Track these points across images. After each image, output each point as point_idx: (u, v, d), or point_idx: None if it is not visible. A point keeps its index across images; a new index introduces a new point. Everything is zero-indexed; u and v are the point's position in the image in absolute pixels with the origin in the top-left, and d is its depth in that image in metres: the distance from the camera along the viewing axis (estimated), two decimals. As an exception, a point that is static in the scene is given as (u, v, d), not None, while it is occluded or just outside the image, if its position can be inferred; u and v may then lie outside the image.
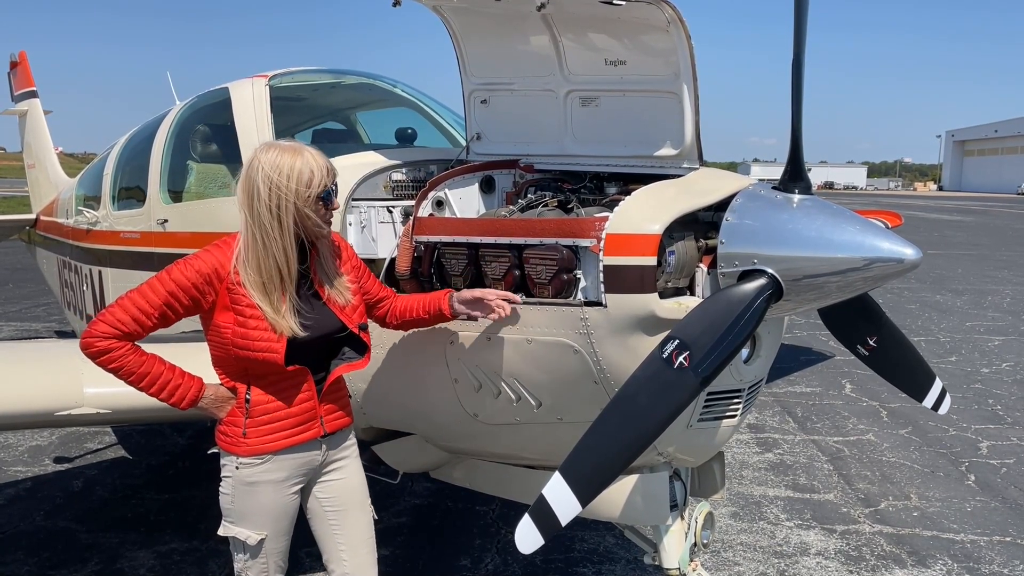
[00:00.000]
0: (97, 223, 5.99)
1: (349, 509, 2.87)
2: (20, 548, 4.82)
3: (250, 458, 2.68)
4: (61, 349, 4.56)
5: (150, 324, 2.54)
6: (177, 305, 2.55)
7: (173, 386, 2.61)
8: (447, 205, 3.49)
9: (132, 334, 2.54)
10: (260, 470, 2.69)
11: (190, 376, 2.68)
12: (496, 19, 3.31)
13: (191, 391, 2.65)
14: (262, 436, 2.67)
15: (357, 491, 2.90)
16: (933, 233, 30.70)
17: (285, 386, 2.67)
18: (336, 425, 2.81)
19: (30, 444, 6.68)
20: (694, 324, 2.60)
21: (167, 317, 2.56)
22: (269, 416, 2.66)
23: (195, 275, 2.54)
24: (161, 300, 2.53)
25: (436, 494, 5.59)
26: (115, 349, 2.52)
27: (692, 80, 2.92)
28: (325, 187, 2.57)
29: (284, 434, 2.69)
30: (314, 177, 2.54)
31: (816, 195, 2.75)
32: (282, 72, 4.77)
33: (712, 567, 4.53)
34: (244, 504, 2.72)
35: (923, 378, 3.97)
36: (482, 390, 3.15)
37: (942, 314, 13.03)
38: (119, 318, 2.51)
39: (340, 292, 2.72)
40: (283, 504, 2.76)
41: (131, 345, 2.55)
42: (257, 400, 2.66)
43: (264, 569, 2.78)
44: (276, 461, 2.70)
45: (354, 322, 2.73)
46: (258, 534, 2.73)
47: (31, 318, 12.60)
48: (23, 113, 10.50)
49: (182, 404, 2.64)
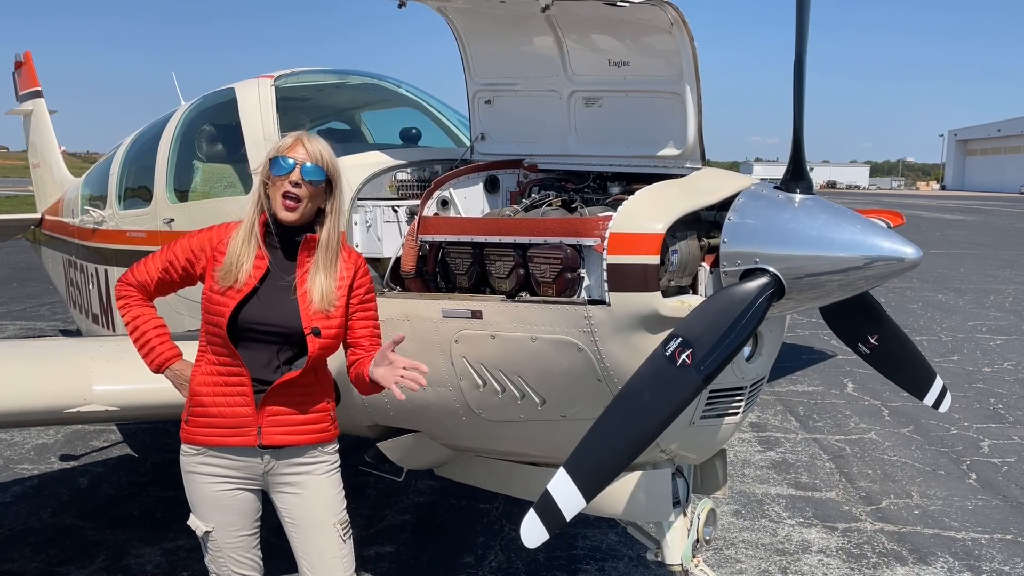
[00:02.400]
0: (103, 222, 6.03)
1: (305, 528, 2.77)
2: (27, 545, 4.86)
3: (187, 446, 2.76)
4: (69, 347, 4.61)
5: (156, 278, 2.79)
6: (176, 265, 2.77)
7: (150, 346, 2.79)
8: (452, 205, 3.52)
9: (142, 285, 2.80)
10: (196, 460, 2.74)
11: (171, 345, 2.81)
12: (500, 20, 3.34)
13: (161, 356, 2.79)
14: (197, 427, 2.72)
15: (316, 511, 2.77)
16: (935, 232, 30.67)
17: (226, 384, 2.67)
18: (279, 440, 2.68)
19: (36, 442, 6.72)
20: (696, 322, 2.63)
21: (169, 275, 2.79)
22: (202, 410, 2.70)
23: (195, 242, 2.77)
24: (165, 260, 2.79)
25: (440, 491, 5.62)
26: (126, 296, 2.82)
27: (695, 81, 2.95)
28: (277, 155, 2.64)
29: (214, 431, 2.69)
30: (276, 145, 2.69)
31: (817, 194, 2.78)
32: (287, 72, 4.80)
33: (714, 564, 4.56)
34: (189, 492, 2.79)
35: (924, 376, 4.00)
36: (486, 387, 3.18)
37: (944, 313, 13.04)
38: (135, 270, 2.83)
39: (319, 297, 2.65)
40: (225, 500, 2.73)
41: (140, 296, 2.81)
42: (196, 391, 2.71)
43: (222, 563, 2.79)
44: (211, 456, 2.71)
45: (311, 323, 2.64)
46: (205, 525, 2.76)
47: (36, 317, 12.65)
48: (28, 113, 10.54)
49: (151, 366, 2.82)
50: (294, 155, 2.62)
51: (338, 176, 2.71)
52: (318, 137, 2.71)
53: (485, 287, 3.19)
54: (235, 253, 2.64)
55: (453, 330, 3.16)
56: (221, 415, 2.67)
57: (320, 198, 2.68)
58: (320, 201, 2.69)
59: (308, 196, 2.63)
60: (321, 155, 2.65)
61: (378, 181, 3.66)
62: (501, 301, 3.08)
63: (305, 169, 2.62)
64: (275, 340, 2.67)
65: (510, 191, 3.62)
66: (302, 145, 2.65)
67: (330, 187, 2.69)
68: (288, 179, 2.61)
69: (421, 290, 3.35)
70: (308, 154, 2.63)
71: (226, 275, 2.63)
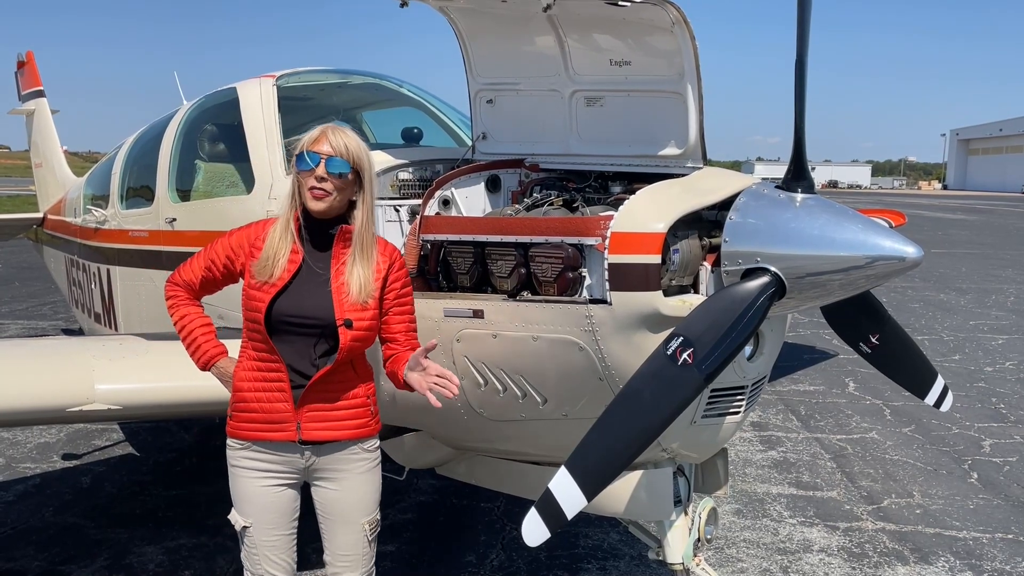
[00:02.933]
0: (105, 222, 6.03)
1: (335, 522, 2.82)
2: (30, 544, 4.87)
3: (232, 440, 2.79)
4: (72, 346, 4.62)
5: (199, 277, 2.84)
6: (218, 263, 2.80)
7: (197, 344, 2.84)
8: (453, 204, 3.53)
9: (188, 284, 2.86)
10: (240, 455, 2.76)
11: (216, 343, 2.85)
12: (502, 20, 3.35)
13: (207, 354, 2.83)
14: (240, 422, 2.75)
15: (348, 508, 2.81)
16: (937, 232, 30.65)
17: (265, 379, 2.69)
18: (320, 435, 2.70)
19: (38, 441, 6.73)
20: (698, 321, 2.63)
21: (212, 273, 2.83)
22: (244, 405, 2.73)
23: (234, 239, 2.80)
24: (207, 259, 2.83)
25: (442, 491, 5.63)
26: (174, 296, 2.88)
27: (696, 80, 2.96)
28: (304, 150, 2.64)
29: (256, 426, 2.72)
30: (303, 139, 2.68)
31: (819, 194, 2.78)
32: (289, 72, 4.81)
33: (716, 564, 4.56)
34: (232, 486, 2.82)
35: (925, 376, 4.00)
36: (487, 386, 3.19)
37: (946, 313, 13.04)
38: (181, 271, 2.88)
39: (357, 288, 2.67)
40: (265, 495, 2.75)
41: (187, 296, 2.87)
42: (239, 387, 2.74)
43: (256, 560, 2.80)
44: (254, 450, 2.74)
45: (344, 315, 2.65)
46: (244, 520, 2.78)
47: (38, 316, 12.66)
48: (30, 112, 10.55)
49: (198, 363, 2.87)
50: (319, 149, 2.64)
51: (366, 167, 2.70)
52: (345, 128, 2.71)
53: (487, 286, 3.20)
54: (272, 248, 2.68)
55: (455, 329, 3.17)
56: (262, 410, 2.70)
57: (349, 190, 2.69)
58: (350, 193, 2.69)
59: (335, 189, 2.65)
60: (346, 147, 2.64)
61: (380, 180, 3.67)
62: (502, 300, 3.08)
63: (330, 163, 2.63)
64: (310, 332, 2.68)
65: (512, 191, 3.63)
66: (327, 138, 2.66)
67: (359, 178, 2.69)
68: (314, 174, 2.63)
69: (423, 289, 3.36)
70: (333, 147, 2.64)
71: (262, 270, 2.66)
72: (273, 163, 4.25)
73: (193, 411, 4.44)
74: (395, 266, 2.78)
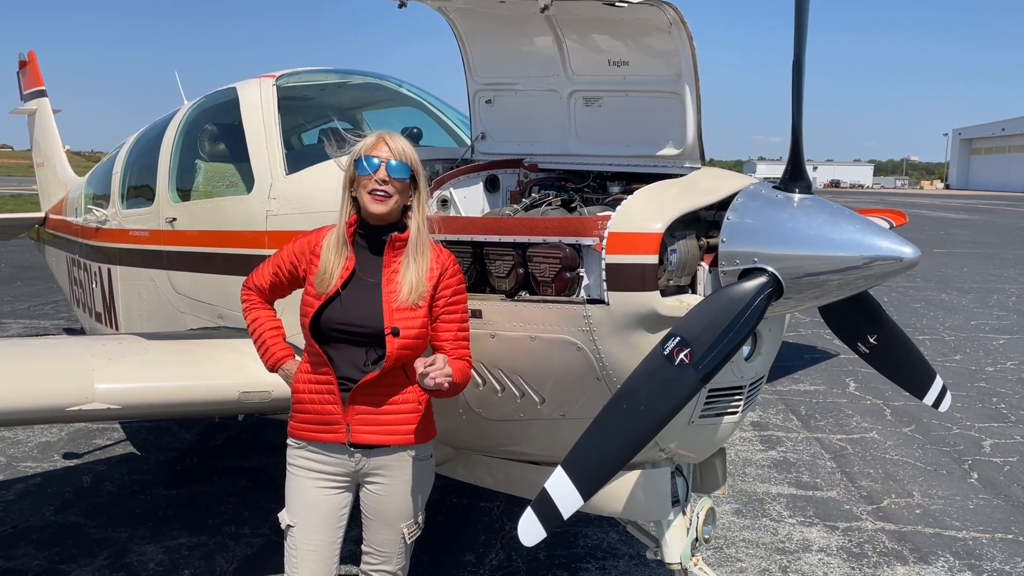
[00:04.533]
0: (106, 221, 6.05)
1: (375, 521, 2.90)
2: (30, 543, 4.88)
3: (291, 439, 2.88)
4: (72, 346, 4.62)
5: (268, 283, 2.96)
6: (284, 269, 2.91)
7: (266, 347, 2.96)
8: (452, 204, 3.54)
9: (260, 288, 2.98)
10: (297, 454, 2.86)
11: (284, 346, 2.97)
12: (500, 20, 3.35)
13: (274, 356, 2.95)
14: (298, 423, 2.86)
15: (390, 512, 2.88)
16: (939, 232, 30.62)
17: (317, 382, 2.78)
18: (367, 439, 2.76)
19: (39, 440, 6.74)
20: (695, 322, 2.64)
21: (279, 279, 2.93)
22: (301, 406, 2.84)
23: (297, 246, 2.90)
24: (274, 265, 2.94)
25: (440, 490, 5.59)
26: (247, 300, 3.00)
27: (694, 81, 2.96)
28: (361, 154, 2.72)
29: (310, 427, 2.82)
30: (359, 146, 2.77)
31: (816, 194, 2.78)
32: (289, 72, 4.82)
33: (715, 563, 4.57)
34: (288, 485, 2.89)
35: (923, 376, 4.00)
36: (485, 386, 3.19)
37: (947, 313, 13.03)
38: (254, 275, 3.00)
39: (408, 289, 2.71)
40: (315, 496, 2.82)
41: (259, 299, 2.99)
42: (296, 388, 2.86)
43: (295, 564, 2.83)
44: (309, 451, 2.83)
45: (392, 323, 2.70)
46: (290, 519, 2.84)
47: (40, 315, 12.68)
48: (32, 112, 10.58)
49: (266, 364, 2.98)
50: (378, 154, 2.71)
51: (420, 171, 2.79)
52: (399, 135, 2.80)
53: (485, 286, 3.20)
54: (327, 259, 2.75)
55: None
56: (315, 411, 2.79)
57: (407, 194, 2.77)
58: (406, 198, 2.77)
59: (396, 192, 2.72)
60: (404, 152, 2.74)
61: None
62: (500, 300, 3.09)
63: (390, 167, 2.70)
64: (361, 341, 2.74)
65: (510, 190, 3.63)
66: (385, 144, 2.74)
67: (414, 183, 2.78)
68: (374, 177, 2.70)
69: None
70: (392, 152, 2.72)
71: (321, 281, 2.74)
72: (273, 163, 4.26)
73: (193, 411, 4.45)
74: (448, 272, 2.82)
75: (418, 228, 2.77)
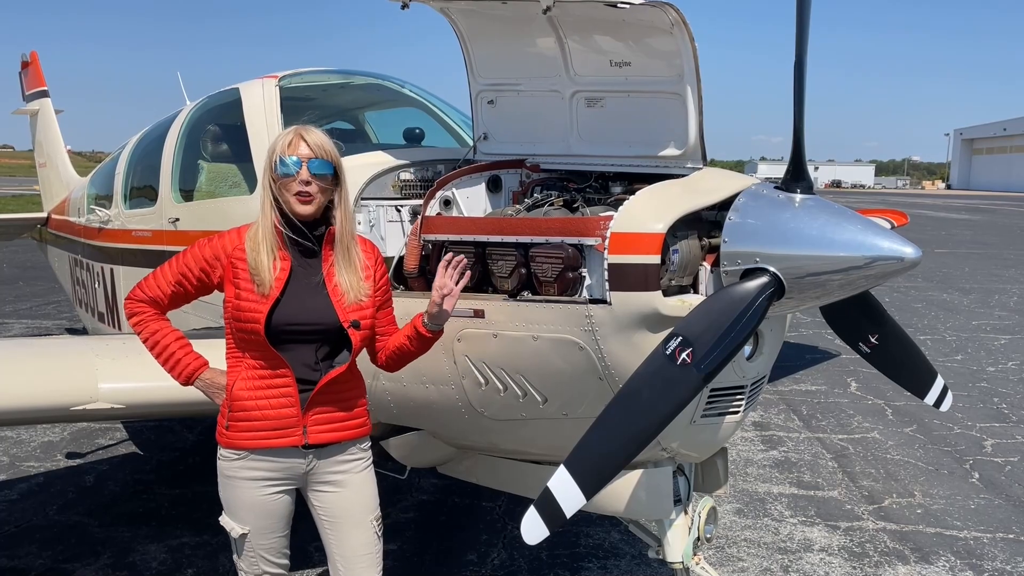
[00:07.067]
0: (109, 221, 6.06)
1: (343, 524, 2.79)
2: (34, 542, 4.89)
3: (227, 450, 2.72)
4: (75, 345, 4.63)
5: (169, 292, 2.74)
6: (191, 276, 2.72)
7: (175, 359, 2.74)
8: (454, 204, 3.54)
9: (155, 300, 2.75)
10: (236, 465, 2.71)
11: (196, 355, 2.77)
12: (503, 21, 3.36)
13: (188, 368, 2.75)
14: (239, 432, 2.68)
15: (354, 508, 2.80)
16: (940, 232, 30.60)
17: (269, 387, 2.65)
18: (325, 438, 2.70)
19: (42, 440, 6.76)
20: (697, 321, 2.64)
21: (183, 287, 2.74)
22: (245, 414, 2.67)
23: (207, 251, 2.71)
24: (177, 272, 2.73)
25: (443, 490, 5.64)
26: (139, 313, 2.75)
27: (696, 81, 2.97)
28: (280, 155, 2.58)
29: (259, 435, 2.67)
30: (276, 144, 2.62)
31: (818, 194, 2.79)
32: (292, 73, 4.83)
33: (716, 563, 4.58)
34: (226, 495, 2.78)
35: (925, 375, 4.01)
36: (488, 386, 3.20)
37: (948, 313, 13.03)
38: (144, 286, 2.76)
39: (350, 291, 2.67)
40: (263, 503, 2.73)
41: (154, 312, 2.75)
42: (238, 396, 2.67)
43: (254, 563, 2.79)
44: (252, 459, 2.69)
45: (348, 317, 2.65)
46: (241, 528, 2.75)
47: (42, 316, 12.70)
48: (34, 112, 10.59)
49: (180, 378, 2.77)
50: (297, 153, 2.59)
51: (341, 165, 2.68)
52: (315, 128, 2.67)
53: (487, 286, 3.21)
54: (255, 260, 2.61)
55: (455, 329, 3.17)
56: (265, 417, 2.65)
57: (331, 189, 2.66)
58: (330, 194, 2.66)
59: (320, 191, 2.62)
60: (323, 147, 2.62)
61: (382, 181, 3.69)
62: (503, 300, 3.09)
63: (312, 165, 2.59)
64: (313, 339, 2.66)
65: (512, 191, 3.64)
66: (303, 141, 2.61)
67: (337, 178, 2.66)
68: (297, 179, 2.58)
69: (424, 289, 3.37)
70: (311, 148, 2.60)
71: (260, 284, 2.60)
72: (275, 163, 4.26)
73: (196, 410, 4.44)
74: (379, 262, 2.82)
75: (342, 226, 2.67)
